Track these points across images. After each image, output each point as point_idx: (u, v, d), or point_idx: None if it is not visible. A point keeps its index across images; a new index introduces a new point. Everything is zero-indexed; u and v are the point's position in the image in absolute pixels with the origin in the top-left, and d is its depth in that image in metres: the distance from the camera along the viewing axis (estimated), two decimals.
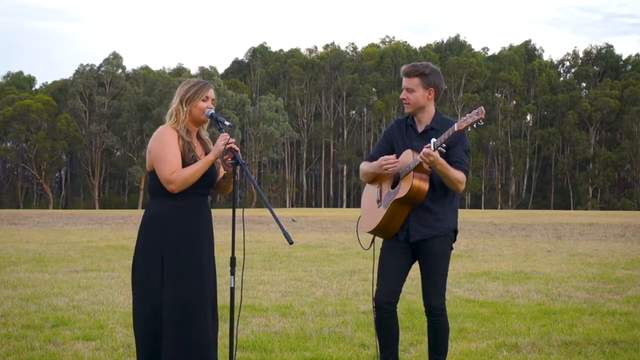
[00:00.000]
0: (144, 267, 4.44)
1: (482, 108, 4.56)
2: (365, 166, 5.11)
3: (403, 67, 5.01)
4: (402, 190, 4.81)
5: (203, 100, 4.52)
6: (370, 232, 5.08)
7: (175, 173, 4.39)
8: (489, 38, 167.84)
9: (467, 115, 4.60)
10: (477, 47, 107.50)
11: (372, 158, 5.13)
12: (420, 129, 4.97)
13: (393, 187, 4.92)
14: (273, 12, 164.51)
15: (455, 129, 4.59)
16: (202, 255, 4.46)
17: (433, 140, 4.67)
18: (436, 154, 4.62)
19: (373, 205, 5.05)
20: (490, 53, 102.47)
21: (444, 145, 4.66)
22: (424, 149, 4.64)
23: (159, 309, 4.39)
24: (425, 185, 4.77)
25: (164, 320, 4.40)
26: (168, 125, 4.52)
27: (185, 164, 4.44)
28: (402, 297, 5.06)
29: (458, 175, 4.76)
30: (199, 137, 4.66)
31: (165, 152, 4.42)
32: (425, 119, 4.97)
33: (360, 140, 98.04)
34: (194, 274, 4.42)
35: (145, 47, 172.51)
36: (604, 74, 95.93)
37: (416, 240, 4.91)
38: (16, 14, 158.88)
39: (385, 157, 4.90)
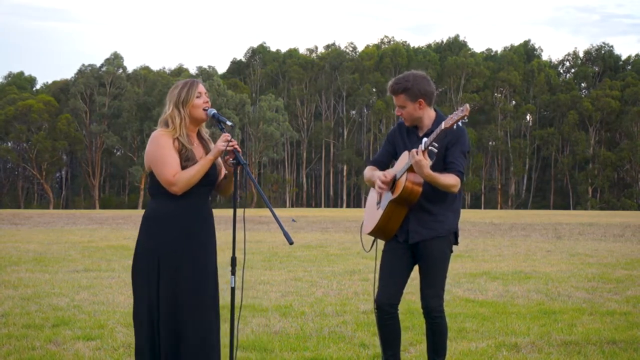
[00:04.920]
0: (143, 267, 4.46)
1: (467, 105, 4.56)
2: (368, 173, 5.13)
3: (388, 85, 4.98)
4: (396, 191, 4.83)
5: (197, 97, 4.53)
6: (370, 234, 5.11)
7: (177, 175, 4.40)
8: (488, 38, 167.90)
9: (454, 113, 4.60)
10: (476, 47, 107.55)
11: (376, 161, 5.15)
12: (421, 132, 4.98)
13: (392, 188, 4.94)
14: (272, 12, 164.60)
15: (442, 127, 4.59)
16: (201, 255, 4.47)
17: (424, 140, 4.68)
18: (421, 159, 4.60)
19: (374, 208, 5.08)
20: (489, 53, 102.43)
21: (435, 144, 4.66)
22: (412, 151, 4.66)
23: (155, 309, 4.41)
24: (418, 186, 4.77)
25: (161, 320, 4.41)
26: (163, 129, 4.49)
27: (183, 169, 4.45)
28: (402, 297, 5.06)
29: (447, 180, 4.73)
30: (199, 136, 4.65)
31: (163, 155, 4.42)
32: (426, 124, 4.97)
33: (360, 140, 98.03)
34: (194, 275, 4.43)
35: (146, 47, 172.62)
36: (603, 74, 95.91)
37: (415, 241, 4.91)
38: (16, 14, 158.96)
39: (384, 177, 4.89)
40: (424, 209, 4.87)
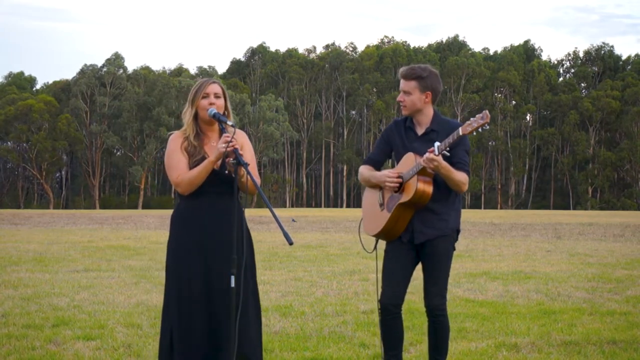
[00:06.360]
0: (171, 264, 4.62)
1: (487, 112, 4.55)
2: (365, 172, 5.09)
3: (401, 69, 4.98)
4: (406, 194, 4.80)
5: (204, 97, 4.56)
6: (374, 236, 5.08)
7: (180, 176, 4.52)
8: (488, 38, 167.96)
9: (472, 119, 4.57)
10: (476, 47, 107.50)
11: (371, 160, 5.12)
12: (420, 131, 4.96)
13: (396, 190, 4.93)
14: (272, 12, 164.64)
15: (460, 134, 4.58)
16: (214, 253, 4.51)
17: (437, 144, 4.65)
18: (440, 158, 4.62)
19: (375, 209, 5.04)
20: (489, 53, 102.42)
21: (448, 149, 4.67)
22: (427, 154, 4.63)
23: (185, 305, 4.58)
24: (429, 189, 4.77)
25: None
26: (179, 131, 4.68)
27: (191, 167, 4.54)
28: None
29: (461, 176, 4.77)
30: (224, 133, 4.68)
31: (169, 158, 4.61)
32: (424, 121, 4.96)
33: (360, 140, 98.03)
34: (208, 272, 4.51)
35: (146, 48, 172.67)
36: (603, 74, 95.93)
37: (421, 241, 4.91)
38: (16, 14, 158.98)
39: (390, 173, 4.90)
40: (428, 208, 4.87)
